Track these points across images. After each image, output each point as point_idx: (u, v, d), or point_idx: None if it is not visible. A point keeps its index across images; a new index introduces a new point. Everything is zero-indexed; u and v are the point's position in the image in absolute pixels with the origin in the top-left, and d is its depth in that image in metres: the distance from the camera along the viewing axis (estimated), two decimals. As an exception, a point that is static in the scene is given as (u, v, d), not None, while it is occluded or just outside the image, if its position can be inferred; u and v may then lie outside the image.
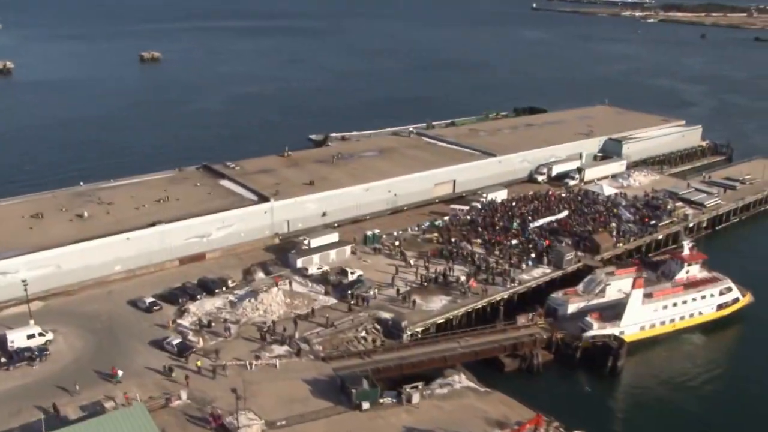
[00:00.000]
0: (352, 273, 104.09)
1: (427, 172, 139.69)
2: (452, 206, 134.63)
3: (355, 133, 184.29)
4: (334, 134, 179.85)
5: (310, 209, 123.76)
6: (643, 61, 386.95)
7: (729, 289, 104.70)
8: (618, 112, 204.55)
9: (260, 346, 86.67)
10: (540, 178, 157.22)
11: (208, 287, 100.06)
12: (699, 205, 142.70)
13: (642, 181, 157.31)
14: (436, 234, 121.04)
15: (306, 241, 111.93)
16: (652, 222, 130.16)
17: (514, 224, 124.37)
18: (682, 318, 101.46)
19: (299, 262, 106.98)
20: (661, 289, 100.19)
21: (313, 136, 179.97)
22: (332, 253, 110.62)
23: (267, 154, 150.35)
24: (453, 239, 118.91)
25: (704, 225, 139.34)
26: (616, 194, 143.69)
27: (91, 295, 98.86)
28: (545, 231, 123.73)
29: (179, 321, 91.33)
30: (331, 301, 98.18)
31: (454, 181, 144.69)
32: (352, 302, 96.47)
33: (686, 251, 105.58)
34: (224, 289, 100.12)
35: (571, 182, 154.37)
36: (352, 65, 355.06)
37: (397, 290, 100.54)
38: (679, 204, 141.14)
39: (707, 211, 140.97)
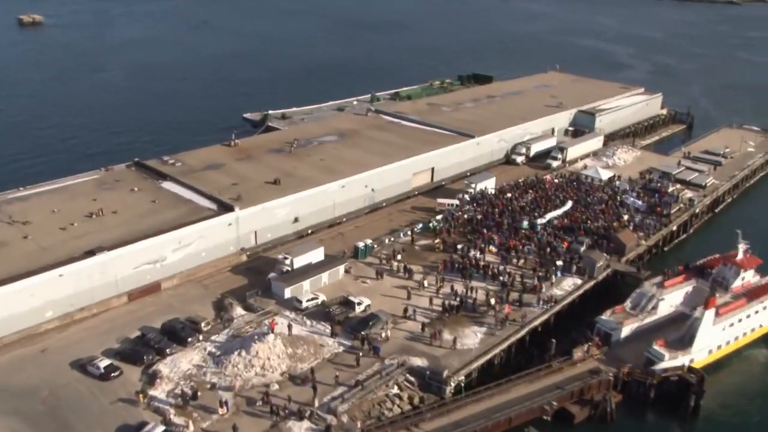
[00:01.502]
0: (358, 304, 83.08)
1: (404, 161, 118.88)
2: (439, 200, 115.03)
3: (295, 109, 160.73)
4: (272, 112, 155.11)
5: (280, 215, 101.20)
6: (562, 21, 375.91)
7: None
8: (574, 80, 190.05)
9: (273, 424, 64.89)
10: (519, 159, 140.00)
11: (176, 334, 76.70)
12: (697, 186, 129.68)
13: (625, 158, 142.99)
14: (437, 240, 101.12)
15: (288, 260, 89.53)
16: (665, 212, 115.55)
17: (525, 223, 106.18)
18: (744, 334, 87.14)
19: (287, 292, 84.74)
20: (726, 304, 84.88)
21: (248, 115, 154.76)
22: (324, 276, 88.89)
23: (202, 139, 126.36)
24: (459, 246, 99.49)
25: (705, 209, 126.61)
26: (611, 178, 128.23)
27: (17, 358, 73.33)
28: (557, 229, 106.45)
29: (151, 392, 67.95)
30: (342, 344, 77.01)
31: (433, 169, 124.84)
32: (365, 348, 75.79)
33: (740, 255, 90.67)
34: (198, 336, 76.88)
35: (554, 163, 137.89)
36: (268, 29, 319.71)
37: (423, 325, 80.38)
38: (678, 186, 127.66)
39: (708, 193, 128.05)
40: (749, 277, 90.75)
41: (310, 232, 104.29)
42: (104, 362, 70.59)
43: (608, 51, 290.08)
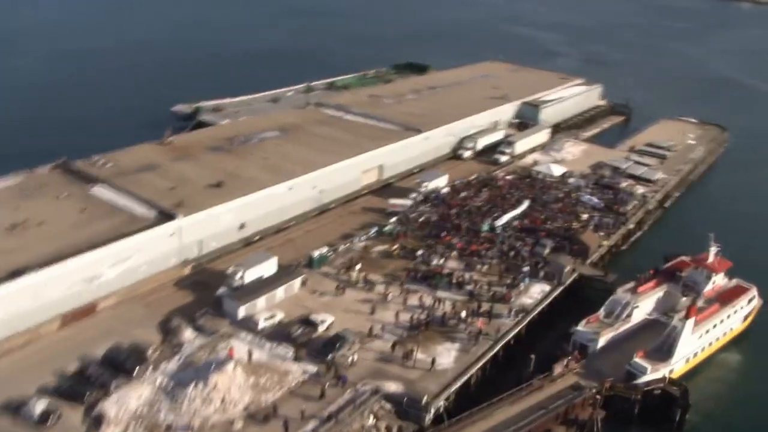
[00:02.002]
0: (321, 322, 76.26)
1: (353, 159, 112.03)
2: (391, 201, 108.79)
3: (227, 100, 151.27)
4: (204, 104, 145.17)
5: (226, 222, 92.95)
6: (493, 7, 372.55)
7: (753, 297, 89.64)
8: (514, 70, 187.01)
9: (240, 470, 57.74)
10: (466, 154, 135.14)
11: (120, 365, 68.16)
12: (647, 181, 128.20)
13: (573, 152, 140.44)
14: (396, 247, 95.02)
15: (238, 274, 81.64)
16: (622, 209, 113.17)
17: (485, 225, 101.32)
18: (717, 339, 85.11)
19: (242, 311, 77.05)
20: (701, 310, 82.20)
21: (178, 108, 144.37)
22: (280, 291, 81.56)
23: (130, 136, 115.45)
24: (419, 251, 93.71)
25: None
26: (563, 175, 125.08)
27: (-65, 400, 63.35)
28: (517, 231, 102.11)
29: (99, 439, 59.57)
30: (308, 370, 70.13)
31: (381, 167, 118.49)
32: (331, 375, 69.14)
33: (711, 258, 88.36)
34: (145, 365, 68.53)
35: (502, 158, 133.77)
36: (196, 14, 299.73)
37: (393, 344, 74.29)
38: (630, 182, 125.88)
39: (659, 188, 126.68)
40: (719, 281, 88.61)
41: (257, 238, 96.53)
42: (40, 404, 61.54)
43: (541, 39, 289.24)
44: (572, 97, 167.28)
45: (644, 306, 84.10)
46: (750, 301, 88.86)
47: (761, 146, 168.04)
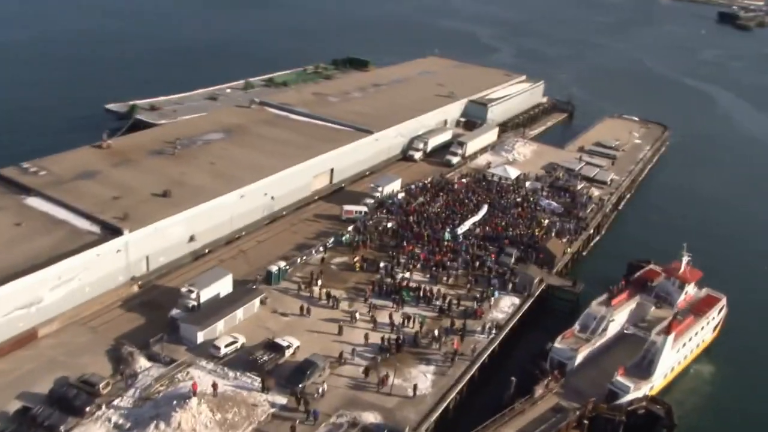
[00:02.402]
0: (288, 347, 70.98)
1: (304, 163, 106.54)
2: (345, 208, 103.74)
3: (163, 98, 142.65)
4: (140, 102, 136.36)
5: (175, 235, 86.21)
6: (411, 1, 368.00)
7: (723, 307, 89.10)
8: (456, 66, 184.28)
9: None
10: (416, 155, 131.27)
11: (69, 403, 61.25)
12: (601, 183, 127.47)
13: (524, 153, 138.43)
14: (357, 259, 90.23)
15: (193, 294, 75.44)
16: (581, 213, 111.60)
17: (447, 234, 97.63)
18: (691, 351, 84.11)
19: (201, 336, 70.97)
20: (678, 322, 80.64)
21: (112, 107, 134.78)
22: (239, 312, 75.74)
23: (63, 139, 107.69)
24: (382, 263, 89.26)
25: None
26: (519, 177, 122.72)
27: None
28: (479, 239, 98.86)
29: (48, 493, 52.91)
30: (276, 402, 64.84)
31: (332, 170, 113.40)
32: (301, 409, 63.94)
33: (683, 268, 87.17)
34: (97, 402, 61.88)
35: (454, 159, 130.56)
36: (125, 4, 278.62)
37: (366, 369, 69.71)
38: (585, 184, 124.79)
39: (613, 190, 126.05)
40: (690, 291, 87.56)
41: (207, 251, 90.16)
42: (-21, 454, 54.36)
43: (475, 33, 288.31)
44: (518, 94, 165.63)
45: (618, 318, 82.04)
46: (720, 311, 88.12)
47: (700, 144, 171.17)
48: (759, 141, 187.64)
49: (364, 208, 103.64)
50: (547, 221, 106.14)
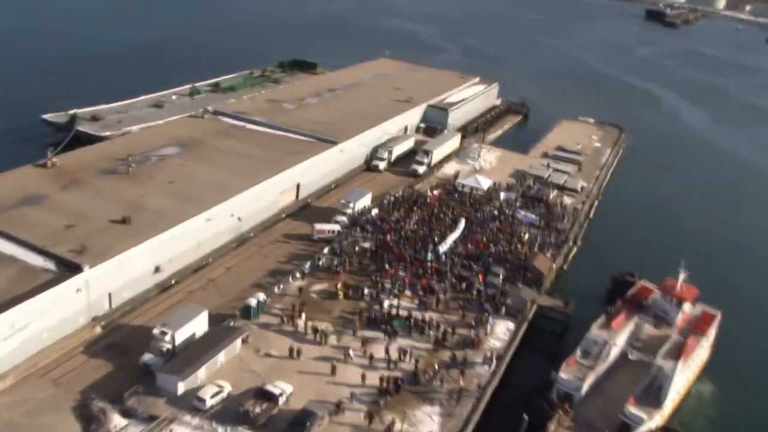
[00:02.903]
0: (280, 394, 63.93)
1: (271, 179, 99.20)
2: (317, 227, 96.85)
3: (104, 106, 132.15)
4: (80, 111, 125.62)
5: (139, 267, 77.78)
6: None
7: (718, 324, 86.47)
8: (408, 68, 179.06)
9: None
10: (381, 165, 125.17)
11: (36, 479, 52.87)
12: (572, 191, 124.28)
13: (490, 160, 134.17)
14: (340, 285, 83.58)
15: (167, 335, 67.54)
16: (560, 226, 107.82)
17: (429, 254, 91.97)
18: (693, 372, 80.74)
19: (182, 386, 63.21)
20: (681, 345, 77.38)
21: (50, 117, 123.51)
22: (221, 355, 68.22)
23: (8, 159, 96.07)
24: (366, 289, 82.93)
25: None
26: (491, 187, 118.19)
27: None
28: (461, 257, 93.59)
29: None
30: (275, 462, 57.94)
31: (298, 185, 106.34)
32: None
33: (680, 285, 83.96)
34: (71, 475, 53.79)
35: (420, 169, 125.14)
36: (56, 2, 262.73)
37: (369, 415, 63.40)
38: (556, 192, 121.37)
39: (585, 198, 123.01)
40: (687, 308, 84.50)
41: (174, 282, 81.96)
42: None
43: (418, 32, 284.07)
44: (475, 98, 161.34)
45: (619, 341, 78.10)
46: (718, 328, 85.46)
47: (654, 146, 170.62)
48: (708, 140, 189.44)
49: (337, 227, 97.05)
50: (527, 235, 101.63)
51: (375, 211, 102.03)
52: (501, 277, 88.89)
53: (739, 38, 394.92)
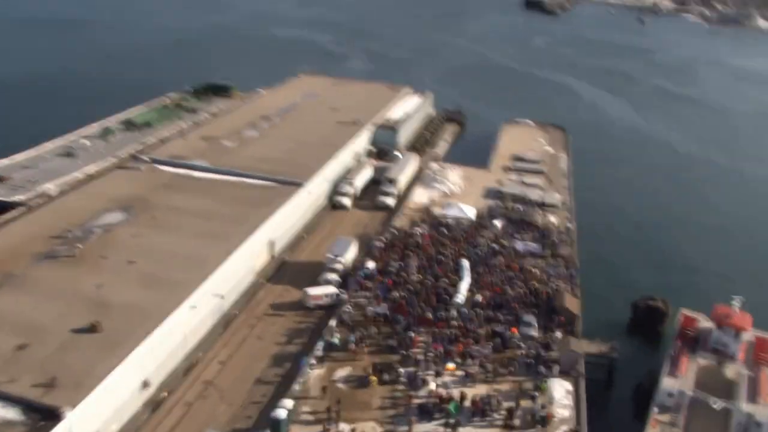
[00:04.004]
0: None
1: (247, 242, 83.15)
2: (311, 293, 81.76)
3: (5, 161, 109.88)
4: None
5: (124, 388, 60.63)
6: (236, 7, 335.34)
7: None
8: (334, 83, 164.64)
9: None
10: (346, 201, 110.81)
11: None
12: (551, 206, 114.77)
13: (455, 181, 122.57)
14: (369, 368, 69.24)
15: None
16: (563, 252, 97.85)
17: (453, 310, 79.07)
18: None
19: None
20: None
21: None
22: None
23: None
24: (402, 370, 69.19)
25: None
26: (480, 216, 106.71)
27: None
28: (483, 308, 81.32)
29: None
30: None
31: (271, 242, 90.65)
32: None
33: (736, 313, 75.71)
34: None
35: (389, 200, 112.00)
36: None
37: None
38: (539, 212, 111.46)
39: (567, 215, 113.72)
40: (745, 337, 76.32)
41: (165, 394, 64.96)
42: None
43: (316, 41, 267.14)
44: (416, 111, 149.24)
45: (692, 388, 69.24)
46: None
47: (597, 144, 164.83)
48: (641, 130, 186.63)
49: (333, 289, 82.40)
50: (537, 270, 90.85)
51: (371, 264, 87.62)
52: (534, 326, 77.59)
53: (615, 21, 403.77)
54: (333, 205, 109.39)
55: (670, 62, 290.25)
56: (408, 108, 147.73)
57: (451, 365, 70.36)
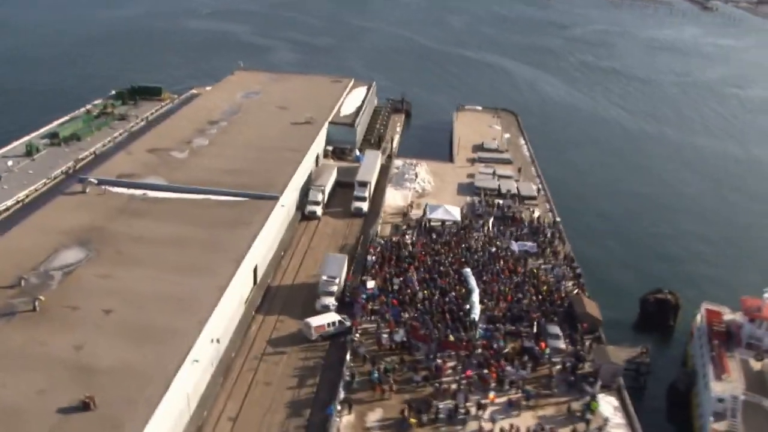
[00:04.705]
0: None
1: (236, 275, 72.96)
2: (312, 323, 72.84)
3: None
4: None
5: (137, 473, 50.20)
6: (132, 2, 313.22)
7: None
8: (273, 79, 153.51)
9: None
10: (317, 210, 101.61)
11: None
12: (530, 199, 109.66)
13: (425, 177, 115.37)
14: (405, 409, 61.29)
15: None
16: (560, 249, 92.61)
17: (478, 331, 71.91)
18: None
19: None
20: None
21: None
22: None
23: None
24: (440, 405, 61.71)
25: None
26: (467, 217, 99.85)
27: None
28: (499, 321, 74.66)
29: None
30: None
31: (255, 268, 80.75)
32: None
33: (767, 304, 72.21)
34: None
35: (364, 206, 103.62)
36: None
37: None
38: (520, 205, 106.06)
39: (550, 206, 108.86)
40: (774, 328, 72.87)
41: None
42: None
43: (231, 32, 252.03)
44: (366, 103, 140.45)
45: (742, 391, 65.19)
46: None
47: (546, 125, 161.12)
48: (584, 108, 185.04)
49: (336, 317, 73.72)
50: (542, 274, 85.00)
51: (371, 283, 79.12)
52: (562, 337, 71.74)
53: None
54: (303, 215, 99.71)
55: (586, 36, 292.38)
56: (357, 101, 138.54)
57: (492, 395, 63.07)
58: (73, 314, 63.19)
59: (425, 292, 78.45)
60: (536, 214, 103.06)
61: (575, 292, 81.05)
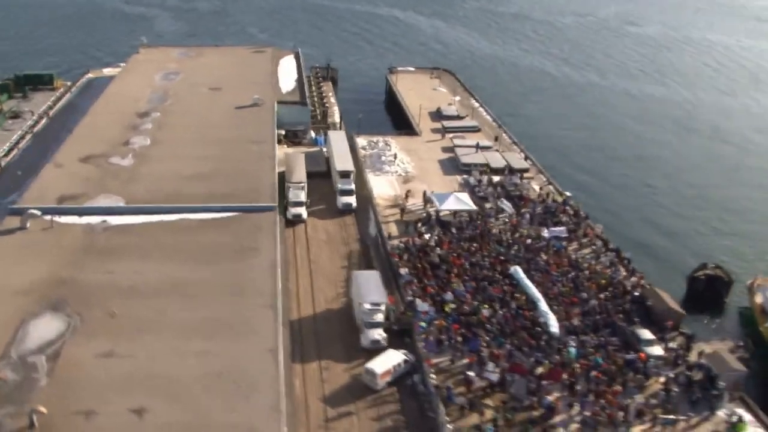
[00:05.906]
0: None
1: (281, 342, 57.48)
2: (375, 370, 58.12)
3: None
4: None
5: None
6: None
7: None
8: (185, 54, 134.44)
9: None
10: (302, 211, 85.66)
11: None
12: (522, 171, 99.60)
13: (404, 158, 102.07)
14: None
15: None
16: (598, 232, 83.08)
17: (572, 350, 60.47)
18: None
19: None
20: None
21: None
22: None
23: None
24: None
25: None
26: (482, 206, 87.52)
27: None
28: (583, 332, 64.05)
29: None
30: None
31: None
32: None
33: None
34: None
35: (352, 200, 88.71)
36: None
37: None
38: (524, 182, 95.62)
39: (545, 177, 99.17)
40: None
41: None
42: None
43: (120, 9, 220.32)
44: (298, 75, 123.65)
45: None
46: None
47: (483, 81, 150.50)
48: (506, 60, 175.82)
49: (400, 355, 60.06)
50: (592, 263, 75.07)
51: (424, 305, 65.54)
52: (654, 339, 62.31)
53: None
54: (288, 219, 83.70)
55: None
56: (292, 73, 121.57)
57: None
58: (90, 425, 45.66)
59: (484, 307, 65.67)
60: (537, 189, 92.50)
61: (641, 283, 70.94)
